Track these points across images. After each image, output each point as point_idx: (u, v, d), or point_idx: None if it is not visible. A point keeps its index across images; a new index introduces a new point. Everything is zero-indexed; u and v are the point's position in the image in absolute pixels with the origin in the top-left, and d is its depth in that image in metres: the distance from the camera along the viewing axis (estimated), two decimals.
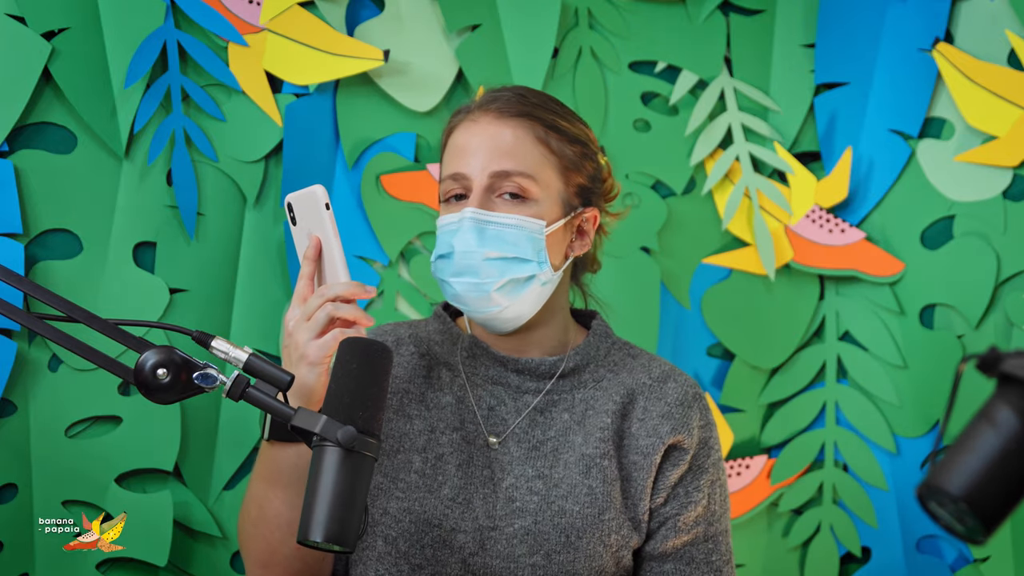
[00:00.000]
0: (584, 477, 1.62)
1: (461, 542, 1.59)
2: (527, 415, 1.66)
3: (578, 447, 1.64)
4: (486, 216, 1.59)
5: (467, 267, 1.59)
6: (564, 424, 1.66)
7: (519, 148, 1.61)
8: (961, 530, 1.03)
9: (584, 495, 1.61)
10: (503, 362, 1.68)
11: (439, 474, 1.62)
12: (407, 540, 1.59)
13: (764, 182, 2.35)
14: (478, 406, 1.67)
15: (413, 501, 1.60)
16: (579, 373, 1.69)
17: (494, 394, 1.68)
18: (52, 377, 2.09)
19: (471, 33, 2.29)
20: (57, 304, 1.34)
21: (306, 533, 1.26)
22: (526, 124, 1.63)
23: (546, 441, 1.65)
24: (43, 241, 2.11)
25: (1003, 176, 2.31)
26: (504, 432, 1.66)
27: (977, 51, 2.31)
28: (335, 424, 1.28)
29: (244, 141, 2.19)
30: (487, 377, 1.68)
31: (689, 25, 2.36)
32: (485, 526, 1.60)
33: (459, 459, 1.63)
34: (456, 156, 1.63)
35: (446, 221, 1.62)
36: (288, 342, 1.51)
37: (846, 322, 2.37)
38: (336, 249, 1.52)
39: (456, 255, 1.59)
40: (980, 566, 2.31)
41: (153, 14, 2.13)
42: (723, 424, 2.35)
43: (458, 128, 1.65)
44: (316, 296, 1.50)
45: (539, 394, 1.67)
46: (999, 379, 1.03)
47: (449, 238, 1.60)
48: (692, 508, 1.66)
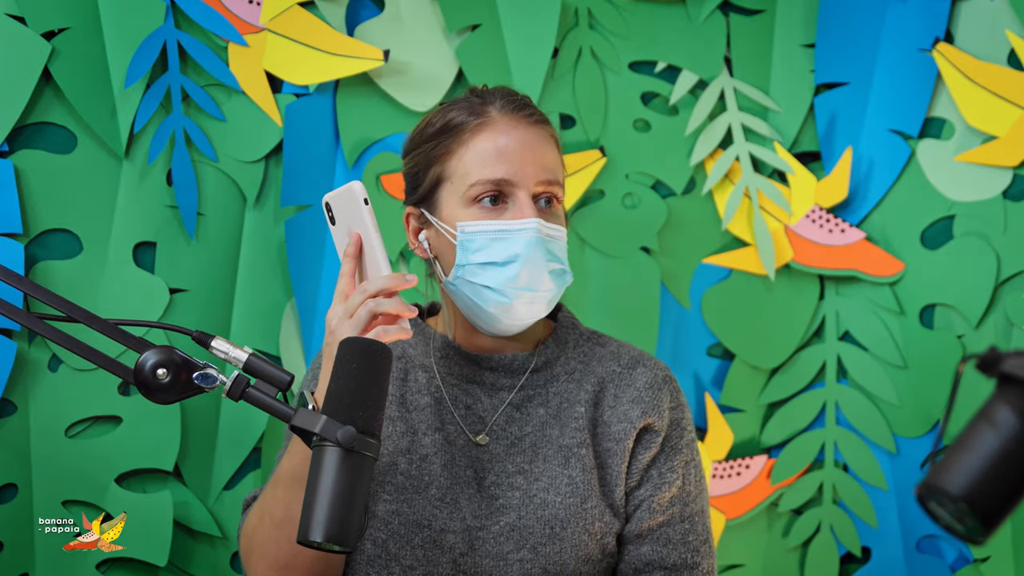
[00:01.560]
0: (563, 468, 1.63)
1: (451, 542, 1.59)
2: (503, 412, 1.67)
3: (555, 439, 1.65)
4: (549, 229, 1.61)
5: (534, 280, 1.59)
6: (540, 418, 1.67)
7: (555, 157, 1.66)
8: (961, 530, 1.03)
9: (565, 485, 1.62)
10: (476, 360, 1.68)
11: (425, 475, 1.62)
12: (397, 542, 1.59)
13: (764, 182, 2.35)
14: (454, 406, 1.67)
15: (401, 503, 1.60)
16: (551, 366, 1.71)
17: (469, 392, 1.68)
18: (52, 377, 2.09)
19: (471, 33, 2.29)
20: (57, 304, 1.34)
21: (306, 533, 1.26)
22: (550, 131, 1.68)
23: (524, 437, 1.66)
24: (43, 241, 2.11)
25: (1003, 176, 2.31)
26: (485, 430, 1.66)
27: (977, 51, 2.31)
28: (335, 424, 1.28)
29: (244, 141, 2.19)
30: (461, 376, 1.69)
31: (689, 25, 2.36)
32: (473, 526, 1.60)
33: (443, 459, 1.63)
34: (492, 160, 1.61)
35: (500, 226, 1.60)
36: (330, 339, 1.51)
37: (846, 322, 2.37)
38: (377, 243, 1.53)
39: (526, 266, 1.58)
40: (980, 566, 2.31)
41: (153, 14, 2.13)
42: (723, 424, 2.35)
43: (489, 129, 1.63)
44: (358, 293, 1.50)
45: (513, 390, 1.68)
46: (999, 379, 1.03)
47: (510, 247, 1.59)
48: (666, 489, 1.66)
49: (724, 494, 2.35)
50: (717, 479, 2.34)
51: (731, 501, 2.35)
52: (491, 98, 1.67)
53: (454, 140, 1.64)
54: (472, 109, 1.65)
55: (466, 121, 1.64)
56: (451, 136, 1.64)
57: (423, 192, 1.67)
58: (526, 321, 1.64)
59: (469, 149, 1.63)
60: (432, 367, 1.69)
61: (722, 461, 2.35)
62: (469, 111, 1.65)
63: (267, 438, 2.18)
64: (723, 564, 2.37)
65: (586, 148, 2.32)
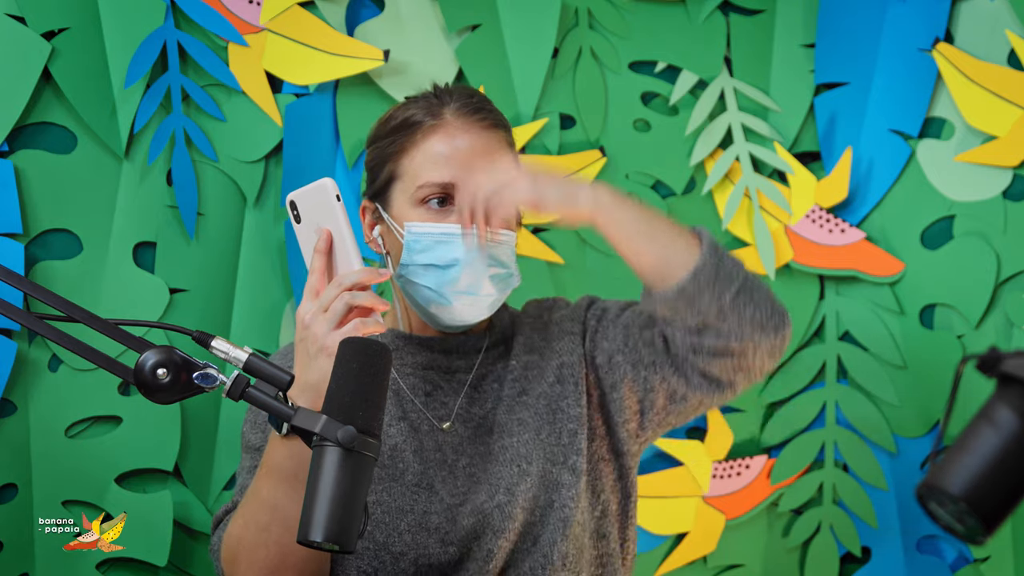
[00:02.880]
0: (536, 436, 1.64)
1: (436, 523, 1.60)
2: (465, 394, 1.68)
3: (518, 411, 1.66)
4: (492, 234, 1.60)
5: (473, 284, 1.60)
6: (500, 394, 1.68)
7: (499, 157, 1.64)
8: (961, 530, 1.03)
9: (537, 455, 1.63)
10: (429, 345, 1.69)
11: (399, 462, 1.63)
12: (383, 531, 1.59)
13: (764, 182, 2.35)
14: (414, 394, 1.68)
15: (381, 492, 1.60)
16: (507, 341, 1.72)
17: (427, 379, 1.69)
18: (52, 377, 2.09)
19: (471, 33, 2.29)
20: (57, 304, 1.34)
21: (306, 533, 1.26)
22: (501, 133, 1.67)
23: (487, 415, 1.67)
24: (43, 241, 2.11)
25: (1003, 176, 2.31)
26: (450, 416, 1.67)
27: (977, 51, 2.31)
28: (335, 424, 1.28)
29: (244, 141, 2.19)
30: (416, 364, 1.69)
31: (689, 25, 2.36)
32: (452, 504, 1.61)
33: (413, 446, 1.64)
34: (444, 163, 1.62)
35: (443, 229, 1.61)
36: (304, 335, 1.50)
37: (846, 322, 2.37)
38: (349, 239, 1.53)
39: (464, 270, 1.59)
40: (980, 566, 2.31)
41: (153, 14, 2.13)
42: (723, 424, 2.35)
43: (441, 132, 1.64)
44: (332, 286, 1.50)
45: (471, 371, 1.69)
46: (999, 379, 1.03)
47: (450, 250, 1.60)
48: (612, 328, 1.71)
49: (724, 494, 2.34)
50: (717, 479, 2.34)
51: (731, 501, 2.35)
52: (448, 99, 1.67)
53: (408, 139, 1.65)
54: (429, 109, 1.66)
55: (421, 121, 1.65)
56: (405, 135, 1.65)
57: (378, 187, 1.68)
58: (468, 321, 1.65)
59: (420, 150, 1.64)
60: None
61: (722, 461, 2.35)
62: (426, 110, 1.66)
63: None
64: (723, 564, 2.37)
65: (586, 148, 2.31)
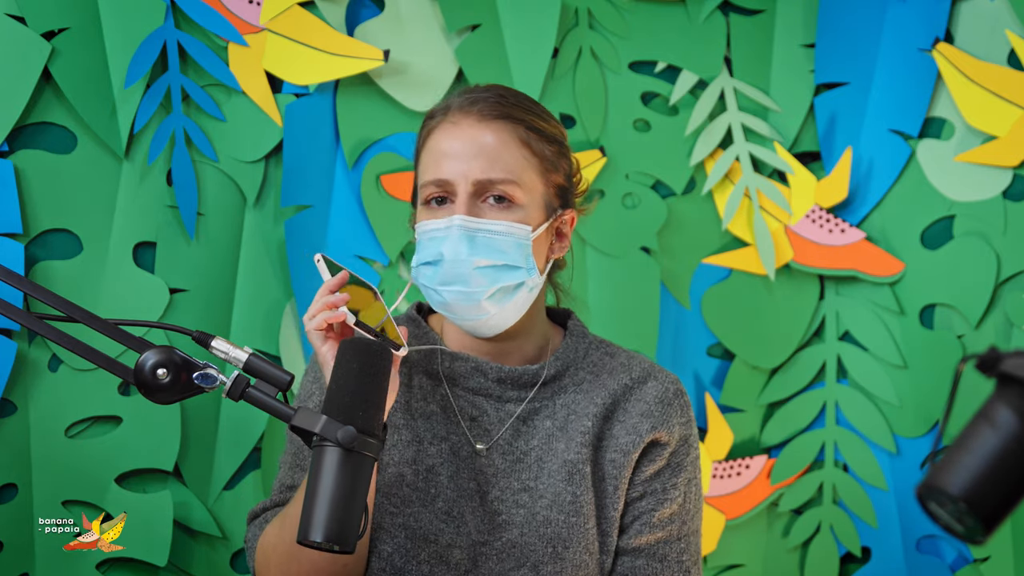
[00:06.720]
0: (567, 484, 1.61)
1: (457, 558, 1.58)
2: (511, 425, 1.65)
3: (560, 453, 1.63)
4: (476, 224, 1.57)
5: (457, 276, 1.57)
6: (547, 432, 1.65)
7: (504, 152, 1.59)
8: (961, 530, 1.03)
9: (568, 503, 1.60)
10: (484, 371, 1.65)
11: (431, 487, 1.60)
12: (403, 556, 1.57)
13: (764, 182, 2.35)
14: (461, 416, 1.65)
15: (408, 516, 1.58)
16: (560, 379, 1.67)
17: (475, 404, 1.65)
18: (52, 377, 2.09)
19: (471, 33, 2.29)
20: (57, 304, 1.34)
21: (306, 533, 1.26)
22: (508, 127, 1.61)
23: (529, 451, 1.64)
24: (43, 241, 2.11)
25: (1003, 176, 2.31)
26: (489, 442, 1.64)
27: (977, 51, 2.31)
28: (335, 424, 1.28)
29: (244, 141, 2.19)
30: (468, 387, 1.66)
31: (689, 25, 2.36)
32: (477, 541, 1.59)
33: (449, 471, 1.61)
34: (438, 160, 1.59)
35: (432, 227, 1.59)
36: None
37: (846, 322, 2.37)
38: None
39: (445, 263, 1.57)
40: (980, 566, 2.31)
41: (153, 14, 2.13)
42: (723, 424, 2.35)
43: (437, 130, 1.62)
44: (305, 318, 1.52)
45: (521, 403, 1.66)
46: (999, 379, 1.03)
47: (437, 245, 1.57)
48: (668, 505, 1.65)
49: (724, 494, 2.35)
50: (717, 479, 2.34)
51: (731, 501, 2.35)
52: (457, 97, 1.65)
53: (421, 140, 1.65)
54: (434, 111, 1.65)
55: (426, 125, 1.64)
56: (420, 136, 1.65)
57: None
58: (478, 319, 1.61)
59: (427, 149, 1.63)
60: (438, 373, 1.66)
61: (722, 461, 2.35)
62: (431, 114, 1.65)
63: (267, 438, 2.18)
64: (723, 564, 2.37)
65: (586, 148, 2.32)
